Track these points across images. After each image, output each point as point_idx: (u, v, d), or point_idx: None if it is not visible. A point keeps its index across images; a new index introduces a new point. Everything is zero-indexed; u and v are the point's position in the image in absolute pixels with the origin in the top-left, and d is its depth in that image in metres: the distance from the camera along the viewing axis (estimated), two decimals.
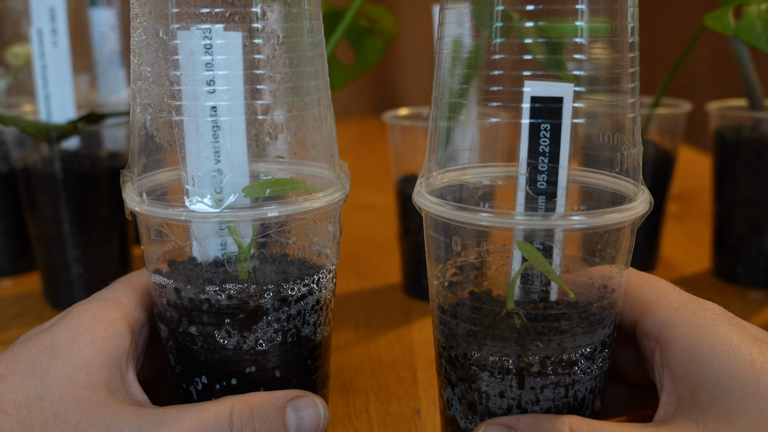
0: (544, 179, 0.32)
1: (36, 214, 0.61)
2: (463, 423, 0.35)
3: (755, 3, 0.53)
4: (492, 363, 0.33)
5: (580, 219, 0.31)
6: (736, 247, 0.65)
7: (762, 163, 0.62)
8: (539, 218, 0.31)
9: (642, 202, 0.33)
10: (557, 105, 0.31)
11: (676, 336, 0.32)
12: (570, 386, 0.33)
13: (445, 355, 0.35)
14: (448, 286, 0.36)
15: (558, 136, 0.31)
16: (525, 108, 0.31)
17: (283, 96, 0.35)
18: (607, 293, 0.34)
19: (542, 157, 0.32)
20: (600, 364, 0.34)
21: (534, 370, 0.33)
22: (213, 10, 0.33)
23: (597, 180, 0.35)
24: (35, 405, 0.30)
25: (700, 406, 0.30)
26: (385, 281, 0.70)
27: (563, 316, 0.33)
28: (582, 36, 0.31)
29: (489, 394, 0.33)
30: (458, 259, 0.36)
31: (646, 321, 0.33)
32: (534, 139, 0.31)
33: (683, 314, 0.33)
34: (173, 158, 0.35)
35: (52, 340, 0.32)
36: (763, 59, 0.81)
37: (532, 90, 0.31)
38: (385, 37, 0.70)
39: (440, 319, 0.35)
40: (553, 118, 0.31)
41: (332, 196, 0.35)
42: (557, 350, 0.32)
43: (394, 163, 0.66)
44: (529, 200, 0.32)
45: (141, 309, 0.36)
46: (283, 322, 0.34)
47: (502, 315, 0.33)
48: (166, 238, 0.35)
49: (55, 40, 0.58)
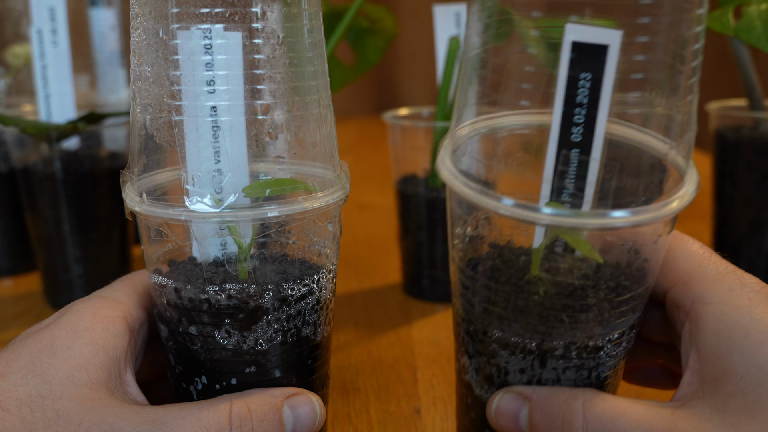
0: (579, 132, 0.29)
1: (36, 214, 0.61)
2: (478, 390, 0.34)
3: (755, 3, 0.53)
4: (514, 343, 0.32)
5: (620, 215, 0.28)
6: (736, 247, 0.65)
7: (762, 163, 0.62)
8: (565, 214, 0.28)
9: (687, 189, 0.30)
10: (602, 55, 0.27)
11: (709, 314, 0.30)
12: (594, 369, 0.32)
13: (463, 326, 0.34)
14: (468, 241, 0.34)
15: (598, 92, 0.28)
16: (564, 55, 0.28)
17: (283, 96, 0.35)
18: (638, 260, 0.31)
19: (579, 108, 0.28)
20: (625, 345, 0.32)
21: (558, 354, 0.31)
22: (213, 10, 0.33)
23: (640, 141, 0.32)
24: (37, 403, 0.30)
25: (724, 393, 0.29)
26: (385, 281, 0.70)
27: (590, 287, 0.31)
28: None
29: (509, 369, 0.33)
30: (480, 213, 0.33)
31: (679, 291, 0.32)
32: (571, 90, 0.28)
33: (719, 290, 0.31)
34: (173, 158, 0.35)
35: (52, 339, 0.32)
36: (763, 59, 0.81)
37: (574, 35, 0.27)
38: (385, 37, 0.70)
39: (461, 283, 0.33)
40: (596, 70, 0.27)
41: (332, 196, 0.35)
42: (584, 337, 0.31)
43: (394, 163, 0.66)
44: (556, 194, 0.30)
45: (140, 308, 0.36)
46: (283, 322, 0.34)
47: (524, 281, 0.31)
48: (166, 238, 0.35)
49: (55, 40, 0.58)
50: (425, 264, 0.64)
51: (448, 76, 0.61)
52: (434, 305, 0.64)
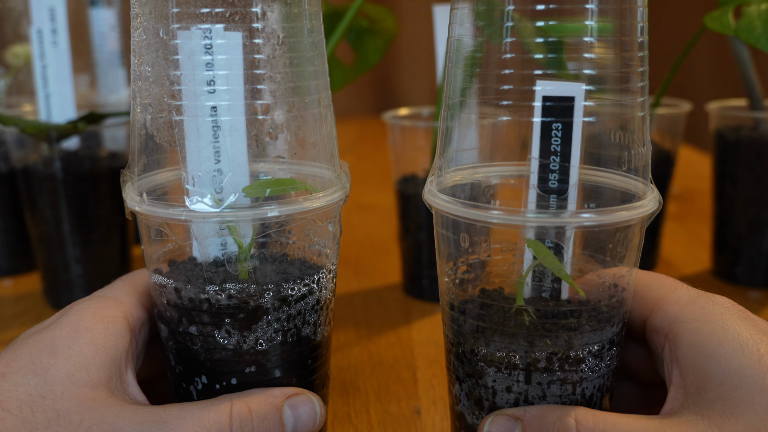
0: (555, 178, 0.32)
1: (36, 214, 0.61)
2: (470, 419, 0.35)
3: (755, 3, 0.53)
4: (499, 359, 0.33)
5: (590, 217, 0.31)
6: (736, 247, 0.65)
7: (762, 163, 0.62)
8: (549, 216, 0.31)
9: (651, 200, 0.33)
10: (569, 104, 0.31)
11: (685, 331, 0.32)
12: (578, 383, 0.33)
13: (453, 351, 0.35)
14: (459, 284, 0.36)
15: (569, 135, 0.31)
16: (537, 107, 0.31)
17: (284, 96, 0.35)
18: (617, 292, 0.34)
19: (553, 156, 0.32)
20: (608, 362, 0.34)
21: (541, 366, 0.33)
22: (213, 10, 0.33)
23: (606, 179, 0.35)
24: (37, 403, 0.30)
25: (707, 401, 0.30)
26: (385, 281, 0.70)
27: (572, 313, 0.33)
28: (591, 35, 0.31)
29: (496, 389, 0.34)
30: (470, 257, 0.36)
31: (656, 317, 0.34)
32: (545, 138, 0.31)
33: (692, 309, 0.33)
34: (173, 158, 0.35)
35: (52, 339, 0.32)
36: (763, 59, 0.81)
37: (544, 89, 0.31)
38: (385, 37, 0.70)
39: (450, 316, 0.35)
40: (565, 118, 0.31)
41: (332, 196, 0.35)
42: (564, 347, 0.32)
43: (394, 163, 0.66)
44: (540, 199, 0.32)
45: (141, 308, 0.36)
46: (283, 322, 0.35)
47: (511, 312, 0.33)
48: (166, 238, 0.35)
49: (55, 40, 0.58)
50: (425, 264, 0.64)
51: None
52: (434, 305, 0.64)
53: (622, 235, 0.33)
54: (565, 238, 0.33)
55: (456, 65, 0.34)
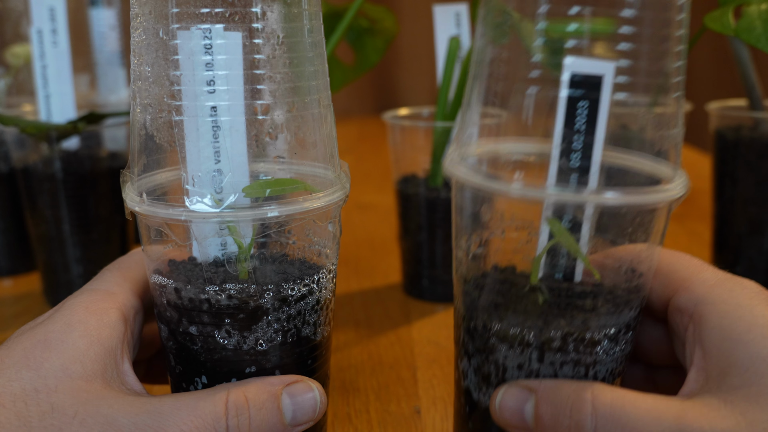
0: (578, 158, 0.31)
1: (36, 214, 0.61)
2: (476, 395, 0.34)
3: (755, 3, 0.53)
4: (512, 335, 0.32)
5: (612, 196, 0.30)
6: (736, 247, 0.65)
7: (762, 163, 0.62)
8: (571, 192, 0.30)
9: (679, 184, 0.32)
10: (597, 82, 0.30)
11: (712, 313, 0.31)
12: (591, 366, 0.32)
13: (464, 326, 0.34)
14: (472, 258, 0.35)
15: (595, 115, 0.30)
16: (564, 81, 0.30)
17: (283, 96, 0.35)
18: (634, 277, 0.33)
19: (577, 135, 0.31)
20: (623, 347, 0.33)
21: (555, 346, 0.32)
22: (213, 10, 0.33)
23: (633, 163, 0.34)
24: (31, 397, 0.30)
25: (729, 386, 0.29)
26: (385, 281, 0.70)
27: (587, 294, 0.32)
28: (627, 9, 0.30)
29: (507, 366, 0.33)
30: (484, 232, 0.35)
31: (681, 297, 0.33)
32: (570, 116, 0.30)
33: (720, 292, 0.32)
34: (173, 158, 0.35)
35: (46, 333, 0.32)
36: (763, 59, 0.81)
37: (573, 66, 0.30)
38: (385, 37, 0.70)
39: (462, 289, 0.34)
40: (592, 95, 0.30)
41: (332, 196, 0.35)
42: (581, 328, 0.32)
43: (394, 163, 0.66)
44: (562, 175, 0.31)
45: (133, 296, 0.36)
46: (283, 322, 0.34)
47: (525, 290, 0.33)
48: (166, 238, 0.35)
49: (55, 40, 0.58)
50: (425, 264, 0.64)
51: (448, 76, 0.61)
52: (434, 305, 0.64)
53: (647, 219, 0.32)
54: (585, 216, 0.32)
55: (485, 29, 0.33)
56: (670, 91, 0.32)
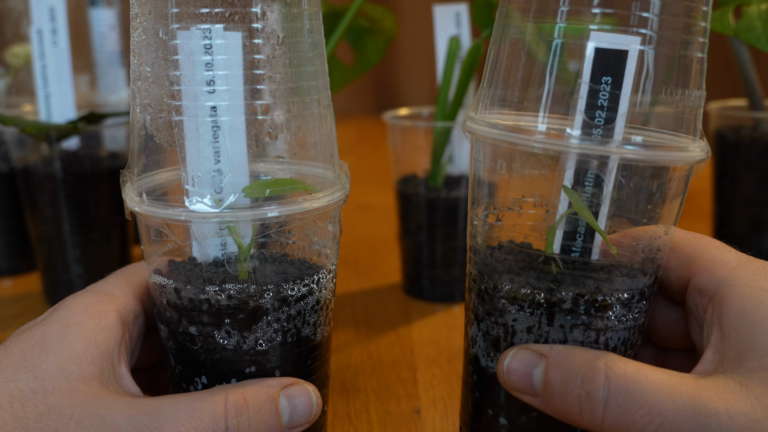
0: (601, 122, 0.31)
1: (36, 214, 0.61)
2: (484, 361, 0.34)
3: (755, 3, 0.53)
4: (523, 296, 0.32)
5: (635, 149, 0.30)
6: (736, 247, 0.65)
7: (762, 163, 0.62)
8: (594, 143, 0.30)
9: (700, 147, 0.32)
10: (621, 58, 0.30)
11: (733, 295, 0.31)
12: (602, 331, 0.32)
13: (474, 288, 0.34)
14: (488, 230, 0.35)
15: (618, 91, 0.30)
16: (588, 57, 0.30)
17: (283, 96, 0.35)
18: (651, 252, 0.33)
19: (599, 111, 0.30)
20: (636, 315, 0.32)
21: (566, 307, 0.31)
22: (213, 10, 0.33)
23: (653, 137, 0.34)
24: (28, 398, 0.30)
25: (746, 368, 0.29)
26: (385, 281, 0.70)
27: (603, 268, 0.32)
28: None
29: (516, 329, 0.32)
30: (501, 205, 0.34)
31: (701, 277, 0.32)
32: (594, 92, 0.30)
33: (743, 274, 0.32)
34: (173, 158, 0.35)
35: (43, 334, 0.32)
36: (763, 59, 0.81)
37: (597, 41, 0.30)
38: (385, 37, 0.70)
39: (475, 251, 0.34)
40: (616, 70, 0.30)
41: (332, 197, 0.35)
42: (592, 289, 0.31)
43: (394, 163, 0.66)
44: (586, 128, 0.31)
45: (135, 301, 0.36)
46: (282, 323, 0.35)
47: (540, 260, 0.32)
48: (166, 239, 0.35)
49: (55, 40, 0.58)
50: (425, 264, 0.64)
51: (448, 76, 0.61)
52: (434, 305, 0.64)
53: (664, 186, 0.32)
54: (608, 170, 0.31)
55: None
56: (695, 50, 0.32)
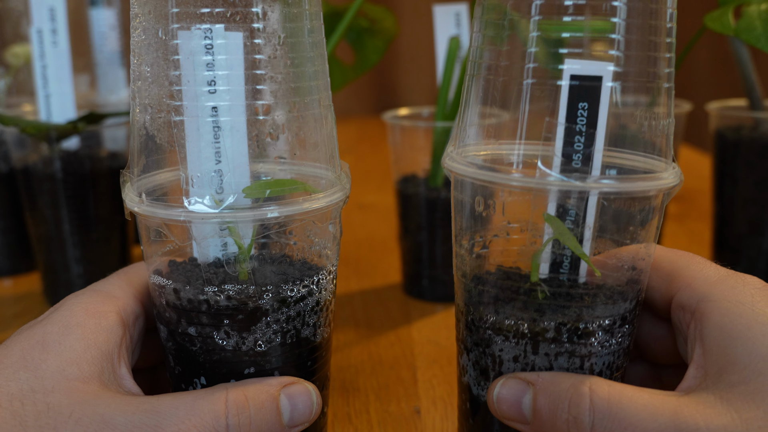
0: (579, 158, 0.31)
1: (36, 214, 0.61)
2: (475, 390, 0.35)
3: (755, 3, 0.53)
4: (507, 327, 0.33)
5: (610, 183, 0.31)
6: (736, 247, 0.65)
7: (762, 163, 0.62)
8: (571, 180, 0.31)
9: (673, 174, 0.32)
10: (596, 84, 0.31)
11: (713, 310, 0.31)
12: (586, 357, 0.32)
13: (462, 320, 0.35)
14: (475, 257, 0.35)
15: (596, 115, 0.31)
16: (564, 86, 0.31)
17: (284, 96, 0.35)
18: (635, 274, 0.33)
19: (578, 136, 0.31)
20: (619, 340, 0.33)
21: (549, 336, 0.32)
22: (213, 10, 0.33)
23: (628, 161, 0.35)
24: (28, 397, 0.30)
25: (727, 383, 0.29)
26: (385, 281, 0.70)
27: (587, 293, 0.33)
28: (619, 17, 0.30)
29: (503, 358, 0.33)
30: (488, 233, 0.35)
31: (683, 294, 0.33)
32: (571, 118, 0.31)
33: (722, 289, 0.32)
34: (173, 158, 0.35)
35: (44, 334, 0.32)
36: (763, 59, 0.81)
37: (571, 68, 0.31)
38: (385, 37, 0.70)
39: (462, 284, 0.35)
40: (592, 97, 0.31)
41: (333, 197, 0.35)
42: (574, 318, 0.32)
43: (394, 163, 0.66)
44: (564, 169, 0.32)
45: (135, 301, 0.36)
46: (282, 324, 0.34)
47: (525, 287, 0.33)
48: (166, 239, 0.35)
49: (55, 40, 0.58)
50: (425, 264, 0.64)
51: (448, 76, 0.61)
52: (434, 305, 0.64)
53: (644, 211, 0.32)
54: (588, 207, 0.32)
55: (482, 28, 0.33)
56: (662, 81, 0.32)
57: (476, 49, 0.34)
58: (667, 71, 0.32)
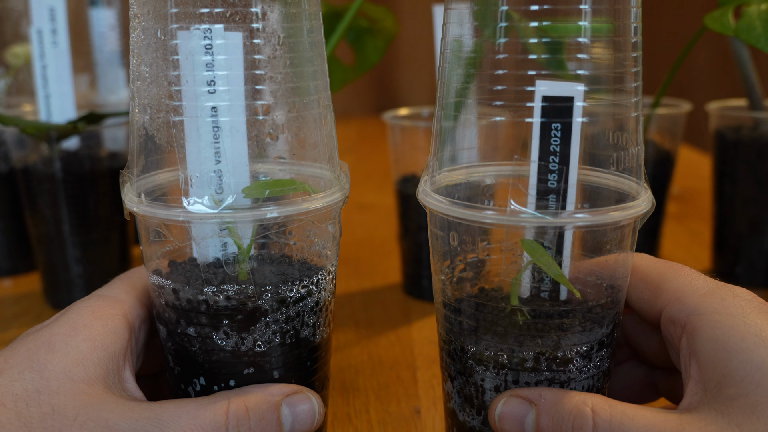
0: (554, 178, 0.32)
1: (36, 214, 0.61)
2: (461, 416, 0.35)
3: (755, 3, 0.53)
4: (487, 357, 0.33)
5: (583, 217, 0.31)
6: (736, 247, 0.65)
7: (762, 163, 0.62)
8: (542, 216, 0.31)
9: (645, 200, 0.33)
10: (568, 104, 0.31)
11: (704, 324, 0.31)
12: (566, 383, 0.33)
13: (445, 349, 0.35)
14: (456, 282, 0.36)
15: (569, 136, 0.31)
16: (536, 107, 0.31)
17: (284, 96, 0.35)
18: (612, 293, 0.34)
19: (553, 156, 0.32)
20: (598, 363, 0.34)
21: (528, 366, 0.33)
22: (213, 10, 0.33)
23: (602, 179, 0.35)
24: (33, 398, 0.30)
25: (727, 397, 0.29)
26: (385, 281, 0.69)
27: (567, 313, 0.33)
28: (585, 36, 0.31)
29: (485, 388, 0.34)
30: (468, 255, 0.35)
31: (673, 308, 0.33)
32: (545, 139, 0.31)
33: (711, 301, 0.32)
34: (173, 159, 0.35)
35: (50, 335, 0.33)
36: (763, 59, 0.81)
37: (543, 89, 0.31)
38: (385, 37, 0.70)
39: (443, 314, 0.35)
40: (564, 118, 0.31)
41: (332, 197, 0.35)
42: (552, 347, 0.32)
43: (394, 163, 0.66)
44: (538, 198, 0.32)
45: (140, 306, 0.36)
46: (281, 324, 0.34)
47: (505, 312, 0.33)
48: (165, 239, 0.35)
49: (55, 40, 0.58)
50: (425, 264, 0.64)
51: None
52: (434, 305, 0.64)
53: (617, 235, 0.33)
54: (564, 238, 0.33)
55: (452, 65, 0.34)
56: (630, 110, 0.33)
57: (446, 87, 0.35)
58: (634, 100, 0.33)
